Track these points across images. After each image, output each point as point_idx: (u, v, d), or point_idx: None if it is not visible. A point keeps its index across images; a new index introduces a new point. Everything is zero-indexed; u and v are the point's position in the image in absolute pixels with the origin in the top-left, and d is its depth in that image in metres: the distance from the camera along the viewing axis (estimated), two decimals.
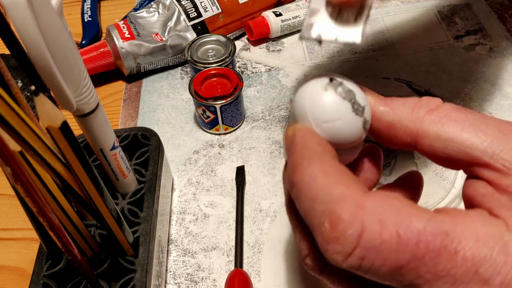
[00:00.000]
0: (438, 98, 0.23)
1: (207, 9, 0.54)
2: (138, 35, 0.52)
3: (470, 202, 0.22)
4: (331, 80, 0.23)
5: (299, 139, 0.23)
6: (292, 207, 0.24)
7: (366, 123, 0.23)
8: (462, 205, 0.39)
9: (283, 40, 0.57)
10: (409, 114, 0.23)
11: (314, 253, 0.23)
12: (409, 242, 0.18)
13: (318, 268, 0.23)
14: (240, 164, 0.45)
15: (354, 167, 0.27)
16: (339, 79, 0.23)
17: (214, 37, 0.51)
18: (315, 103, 0.23)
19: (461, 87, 0.49)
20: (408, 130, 0.23)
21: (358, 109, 0.22)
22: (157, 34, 0.53)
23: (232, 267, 0.38)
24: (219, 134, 0.48)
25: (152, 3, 0.56)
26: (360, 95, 0.23)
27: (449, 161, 0.22)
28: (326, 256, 0.20)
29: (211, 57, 0.49)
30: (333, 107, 0.22)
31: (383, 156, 0.27)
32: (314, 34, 0.23)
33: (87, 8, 0.61)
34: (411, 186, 0.28)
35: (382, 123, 0.24)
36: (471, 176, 0.22)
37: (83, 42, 0.57)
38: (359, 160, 0.27)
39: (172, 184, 0.44)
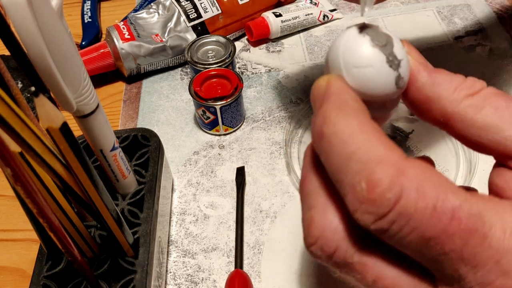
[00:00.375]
0: (482, 81, 0.22)
1: (207, 10, 0.54)
2: (138, 36, 0.52)
3: (497, 191, 0.22)
4: (369, 27, 0.22)
5: (334, 89, 0.21)
6: (320, 179, 0.22)
7: (400, 79, 0.22)
8: None
9: (283, 40, 0.57)
10: (450, 94, 0.22)
11: (333, 234, 0.21)
12: (442, 216, 0.18)
13: (330, 252, 0.21)
14: (240, 165, 0.45)
15: None
16: (379, 29, 0.22)
17: (214, 38, 0.51)
18: (348, 48, 0.22)
19: None
20: (443, 111, 0.22)
21: (393, 61, 0.21)
22: (157, 35, 0.53)
23: (232, 268, 0.38)
24: (219, 135, 0.48)
25: (152, 4, 0.56)
26: (399, 49, 0.22)
27: (481, 147, 0.22)
28: (355, 215, 0.19)
29: (211, 58, 0.49)
30: (366, 53, 0.21)
31: None
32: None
33: (87, 9, 0.61)
34: None
35: (420, 95, 0.23)
36: (502, 164, 0.21)
37: (83, 43, 0.57)
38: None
39: (172, 185, 0.44)
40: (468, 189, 0.22)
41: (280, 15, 0.56)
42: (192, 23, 0.54)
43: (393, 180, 0.18)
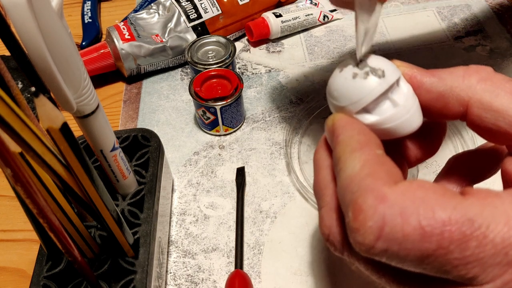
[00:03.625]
0: (489, 66, 0.23)
1: (207, 10, 0.54)
2: (138, 36, 0.52)
3: (508, 179, 0.22)
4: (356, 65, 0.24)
5: (340, 129, 0.23)
6: (326, 183, 0.24)
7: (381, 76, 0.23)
8: None
9: (283, 41, 0.57)
10: (460, 82, 0.22)
11: (340, 232, 0.23)
12: (433, 233, 0.18)
13: (340, 247, 0.23)
14: (240, 165, 0.45)
15: (403, 144, 0.26)
16: (365, 62, 0.24)
17: (214, 38, 0.51)
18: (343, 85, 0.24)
19: None
20: (460, 98, 0.22)
21: (376, 72, 0.23)
22: (157, 35, 0.53)
23: (232, 268, 0.38)
24: (219, 135, 0.48)
25: (152, 4, 0.56)
26: (389, 68, 0.23)
27: (498, 134, 0.22)
28: (352, 244, 0.20)
29: (211, 58, 0.49)
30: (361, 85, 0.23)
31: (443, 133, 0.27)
32: None
33: (87, 9, 0.61)
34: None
35: (432, 93, 0.23)
36: None
37: (83, 43, 0.57)
38: (404, 139, 0.26)
39: (172, 185, 0.44)
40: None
41: (280, 15, 0.56)
42: (192, 23, 0.54)
43: (373, 207, 0.19)
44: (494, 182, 0.27)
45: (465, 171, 0.27)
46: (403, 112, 0.23)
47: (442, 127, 0.27)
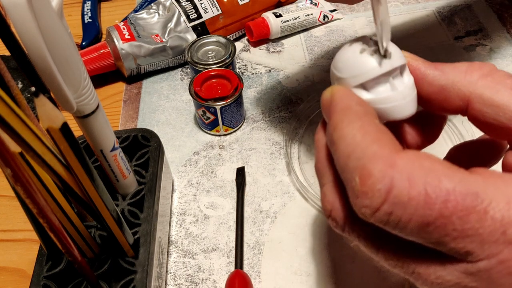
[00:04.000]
0: (492, 63, 0.23)
1: (207, 10, 0.54)
2: (138, 36, 0.52)
3: (508, 170, 0.22)
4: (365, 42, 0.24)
5: (338, 99, 0.23)
6: (328, 161, 0.24)
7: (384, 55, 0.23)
8: None
9: (283, 41, 0.57)
10: (462, 78, 0.23)
11: (342, 207, 0.23)
12: (437, 200, 0.19)
13: (342, 223, 0.23)
14: (240, 165, 0.45)
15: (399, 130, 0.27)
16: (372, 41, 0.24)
17: (214, 38, 0.51)
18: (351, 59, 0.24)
19: None
20: (461, 93, 0.23)
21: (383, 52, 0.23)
22: (157, 35, 0.53)
23: (232, 268, 0.38)
24: (219, 135, 0.48)
25: (152, 4, 0.56)
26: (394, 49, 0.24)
27: (498, 128, 0.22)
28: (355, 209, 0.21)
29: (211, 58, 0.49)
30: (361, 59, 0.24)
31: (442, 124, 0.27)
32: None
33: (87, 9, 0.61)
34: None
35: (434, 86, 0.24)
36: None
37: (83, 43, 0.57)
38: (404, 124, 0.27)
39: (172, 185, 0.44)
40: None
41: (280, 15, 0.56)
42: (192, 23, 0.54)
43: (383, 172, 0.19)
44: None
45: (466, 160, 0.28)
46: (399, 97, 0.24)
47: (442, 115, 0.27)
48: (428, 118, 0.27)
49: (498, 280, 0.19)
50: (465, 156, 0.28)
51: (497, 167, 0.25)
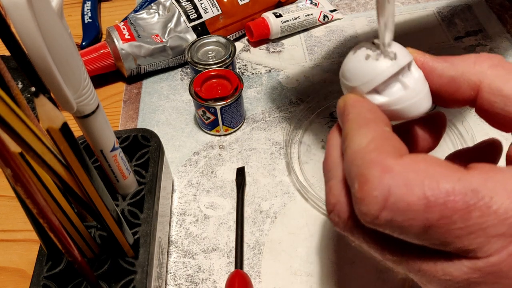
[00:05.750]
0: (500, 55, 0.23)
1: (207, 10, 0.54)
2: (138, 37, 0.52)
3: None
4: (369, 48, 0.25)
5: (350, 107, 0.24)
6: (340, 159, 0.24)
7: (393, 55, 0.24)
8: None
9: (283, 41, 0.57)
10: (472, 68, 0.23)
11: (347, 202, 0.23)
12: (436, 202, 0.19)
13: (345, 218, 0.23)
14: (240, 165, 0.45)
15: (410, 133, 0.27)
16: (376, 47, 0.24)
17: (214, 38, 0.51)
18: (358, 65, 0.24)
19: None
20: (472, 83, 0.23)
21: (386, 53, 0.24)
22: (157, 35, 0.53)
23: (232, 268, 0.38)
24: (219, 135, 0.48)
25: (152, 4, 0.56)
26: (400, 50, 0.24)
27: (506, 119, 0.22)
28: (357, 215, 0.21)
29: (211, 58, 0.49)
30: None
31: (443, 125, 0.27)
32: None
33: (87, 9, 0.61)
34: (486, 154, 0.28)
35: (444, 78, 0.24)
36: None
37: (83, 43, 0.57)
38: (415, 126, 0.27)
39: (172, 185, 0.44)
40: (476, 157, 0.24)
41: (280, 15, 0.56)
42: (192, 23, 0.54)
43: (379, 178, 0.20)
44: None
45: (464, 166, 0.27)
46: (412, 94, 0.24)
47: (443, 120, 0.27)
48: (431, 118, 0.27)
49: (508, 273, 0.19)
50: (462, 162, 0.28)
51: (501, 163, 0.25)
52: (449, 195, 0.19)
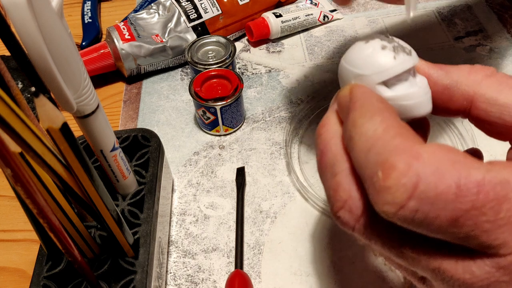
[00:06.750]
0: (492, 67, 0.23)
1: (207, 10, 0.54)
2: (138, 37, 0.52)
3: None
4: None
5: (359, 95, 0.22)
6: (344, 151, 0.23)
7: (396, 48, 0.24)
8: None
9: (283, 41, 0.57)
10: (466, 77, 0.23)
11: (361, 196, 0.22)
12: (468, 192, 0.18)
13: (358, 215, 0.21)
14: (240, 165, 0.45)
15: None
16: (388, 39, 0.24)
17: (214, 38, 0.51)
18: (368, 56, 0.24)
19: None
20: (465, 93, 0.23)
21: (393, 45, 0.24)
22: (157, 35, 0.53)
23: (232, 268, 0.38)
24: (219, 135, 0.48)
25: (152, 4, 0.56)
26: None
27: (503, 128, 0.22)
28: (377, 208, 0.19)
29: (211, 58, 0.49)
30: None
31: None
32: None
33: (87, 9, 0.62)
34: None
35: (438, 86, 0.24)
36: None
37: (83, 43, 0.57)
38: None
39: (172, 185, 0.44)
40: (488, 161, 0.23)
41: (280, 15, 0.56)
42: (192, 23, 0.54)
43: (408, 164, 0.18)
44: None
45: None
46: (420, 93, 0.24)
47: (427, 124, 0.27)
48: (417, 122, 0.27)
49: None
50: None
51: None
52: (480, 186, 0.18)
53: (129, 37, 0.52)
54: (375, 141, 0.20)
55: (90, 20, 0.60)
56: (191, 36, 0.53)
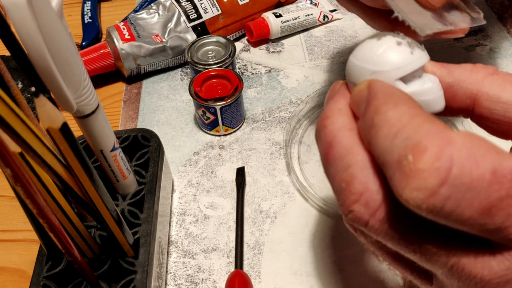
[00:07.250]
0: (493, 66, 0.23)
1: (207, 10, 0.54)
2: (138, 37, 0.52)
3: None
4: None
5: (379, 87, 0.21)
6: (360, 140, 0.22)
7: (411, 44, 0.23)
8: None
9: (283, 41, 0.57)
10: (468, 76, 0.23)
11: (380, 187, 0.20)
12: (504, 179, 0.17)
13: (375, 207, 0.20)
14: (240, 165, 0.45)
15: None
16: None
17: (214, 38, 0.51)
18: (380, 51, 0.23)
19: None
20: (468, 91, 0.23)
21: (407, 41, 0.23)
22: (157, 35, 0.53)
23: (232, 268, 0.38)
24: (219, 135, 0.48)
25: (152, 4, 0.56)
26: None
27: (506, 126, 0.22)
28: (403, 195, 0.18)
29: (211, 58, 0.49)
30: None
31: None
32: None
33: (87, 9, 0.62)
34: None
35: (441, 84, 0.23)
36: None
37: (83, 43, 0.57)
38: None
39: (172, 185, 0.44)
40: None
41: (280, 15, 0.56)
42: (192, 23, 0.54)
43: (441, 148, 0.17)
44: None
45: None
46: (437, 88, 0.23)
47: None
48: None
49: None
50: None
51: None
52: None
53: (129, 37, 0.52)
54: (403, 126, 0.19)
55: (90, 20, 0.60)
56: (191, 36, 0.53)
